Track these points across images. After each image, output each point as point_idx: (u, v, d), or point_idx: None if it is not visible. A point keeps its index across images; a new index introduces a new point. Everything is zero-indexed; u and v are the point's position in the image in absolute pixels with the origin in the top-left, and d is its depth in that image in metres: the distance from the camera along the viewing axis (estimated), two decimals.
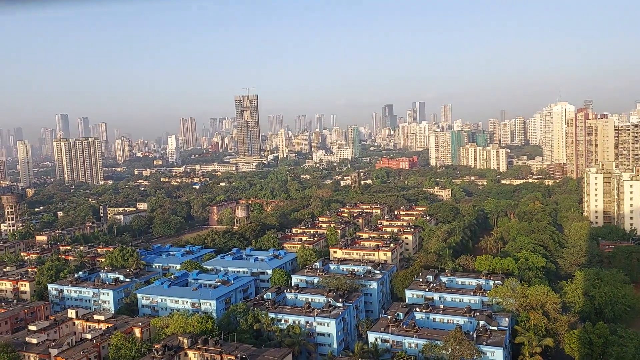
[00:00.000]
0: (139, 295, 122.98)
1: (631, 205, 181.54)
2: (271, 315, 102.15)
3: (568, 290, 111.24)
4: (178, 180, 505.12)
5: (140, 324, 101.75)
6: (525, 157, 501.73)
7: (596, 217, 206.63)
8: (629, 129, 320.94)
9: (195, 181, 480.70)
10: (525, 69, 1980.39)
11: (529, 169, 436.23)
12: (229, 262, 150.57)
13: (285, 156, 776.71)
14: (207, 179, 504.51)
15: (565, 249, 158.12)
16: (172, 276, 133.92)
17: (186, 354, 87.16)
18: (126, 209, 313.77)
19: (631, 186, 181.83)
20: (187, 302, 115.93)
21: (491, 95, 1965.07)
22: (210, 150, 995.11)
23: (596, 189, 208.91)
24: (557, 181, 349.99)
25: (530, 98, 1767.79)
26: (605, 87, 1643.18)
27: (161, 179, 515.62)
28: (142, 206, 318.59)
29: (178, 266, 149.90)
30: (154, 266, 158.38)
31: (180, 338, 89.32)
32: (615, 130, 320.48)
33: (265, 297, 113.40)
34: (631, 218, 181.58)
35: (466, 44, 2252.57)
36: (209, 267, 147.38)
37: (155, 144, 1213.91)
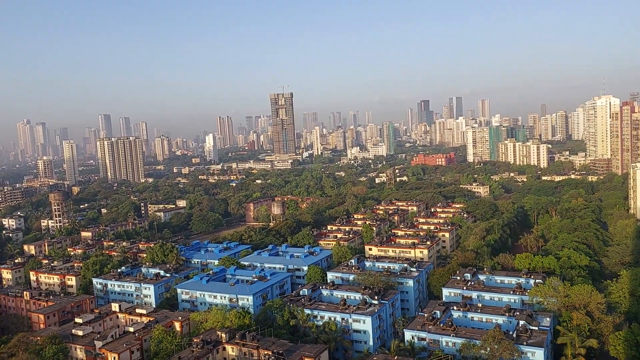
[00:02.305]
0: (178, 290, 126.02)
1: None
2: (307, 311, 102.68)
3: (613, 290, 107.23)
4: (215, 177, 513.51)
5: (180, 318, 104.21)
6: (567, 153, 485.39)
7: None
8: None
9: (232, 179, 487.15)
10: (566, 61, 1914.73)
11: (571, 165, 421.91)
12: (266, 259, 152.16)
13: (319, 153, 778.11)
14: (244, 176, 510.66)
15: (610, 247, 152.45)
16: (211, 272, 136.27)
17: (224, 348, 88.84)
18: (166, 206, 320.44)
19: None
20: (224, 297, 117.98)
21: (531, 89, 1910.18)
22: (246, 148, 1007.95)
23: None
24: (602, 177, 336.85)
25: (572, 91, 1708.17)
26: None
27: (199, 177, 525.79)
28: (181, 203, 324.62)
29: (216, 262, 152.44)
30: (193, 262, 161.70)
31: (219, 332, 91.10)
32: None
33: (301, 293, 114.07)
34: None
35: (504, 37, 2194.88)
36: (246, 263, 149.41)
37: (194, 143, 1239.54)
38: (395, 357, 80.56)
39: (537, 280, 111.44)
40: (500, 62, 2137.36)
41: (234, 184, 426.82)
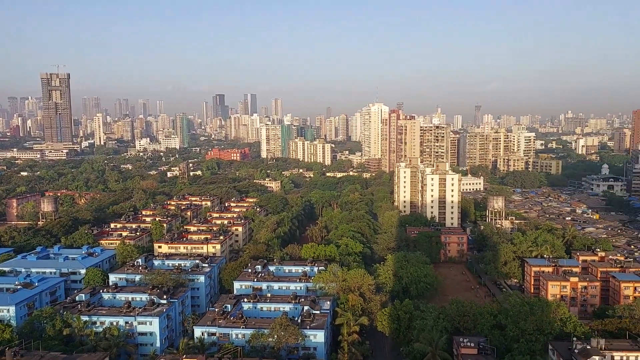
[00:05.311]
0: None
1: (432, 196, 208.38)
2: (84, 318, 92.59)
3: (381, 272, 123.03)
4: None
5: None
6: (347, 152, 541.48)
7: (404, 207, 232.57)
8: (431, 130, 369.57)
9: None
10: (349, 70, 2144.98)
11: (350, 163, 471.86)
12: (32, 263, 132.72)
13: (102, 143, 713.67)
14: (4, 167, 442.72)
15: (379, 235, 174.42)
16: None
17: None
18: None
19: (432, 179, 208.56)
20: None
21: (318, 93, 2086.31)
22: (8, 134, 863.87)
23: (405, 182, 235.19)
24: (374, 174, 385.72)
25: (353, 97, 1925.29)
26: (415, 91, 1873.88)
27: None
28: None
29: None
30: None
31: None
32: (420, 130, 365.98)
33: (77, 299, 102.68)
34: (432, 207, 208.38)
35: (298, 43, 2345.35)
36: (7, 269, 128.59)
37: None
38: (184, 356, 77.77)
39: (320, 268, 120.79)
40: (292, 65, 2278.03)
41: None
